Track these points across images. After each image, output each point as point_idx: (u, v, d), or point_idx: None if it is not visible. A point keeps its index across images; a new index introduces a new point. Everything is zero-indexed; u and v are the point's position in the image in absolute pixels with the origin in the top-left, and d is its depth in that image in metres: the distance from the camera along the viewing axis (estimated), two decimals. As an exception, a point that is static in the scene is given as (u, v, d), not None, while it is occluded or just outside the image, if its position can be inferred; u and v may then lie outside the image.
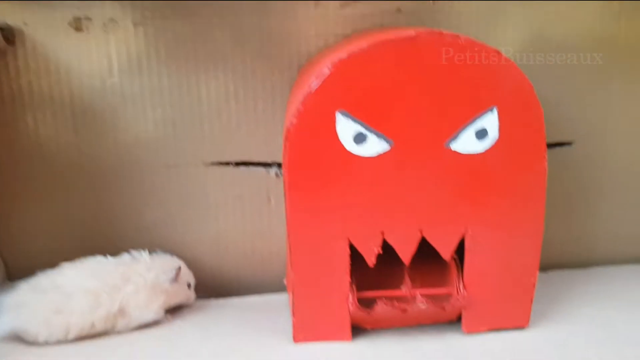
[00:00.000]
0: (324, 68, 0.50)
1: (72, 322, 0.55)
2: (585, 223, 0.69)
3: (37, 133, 0.62)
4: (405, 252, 0.55)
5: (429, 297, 0.56)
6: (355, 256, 0.55)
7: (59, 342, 0.55)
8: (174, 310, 0.62)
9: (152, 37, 0.60)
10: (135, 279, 0.58)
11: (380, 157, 0.52)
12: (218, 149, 0.64)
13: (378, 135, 0.51)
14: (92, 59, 0.60)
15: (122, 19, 0.59)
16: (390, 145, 0.52)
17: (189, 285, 0.63)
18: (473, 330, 0.57)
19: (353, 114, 0.51)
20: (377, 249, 0.54)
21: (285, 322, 0.58)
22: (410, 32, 0.50)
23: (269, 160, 0.64)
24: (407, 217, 0.54)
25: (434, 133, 0.52)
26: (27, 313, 0.55)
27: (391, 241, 0.54)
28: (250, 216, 0.66)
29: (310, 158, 0.52)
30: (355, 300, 0.55)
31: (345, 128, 0.51)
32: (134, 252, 0.60)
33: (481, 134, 0.52)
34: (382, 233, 0.54)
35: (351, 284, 0.55)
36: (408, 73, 0.50)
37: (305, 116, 0.51)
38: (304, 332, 0.56)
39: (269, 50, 0.61)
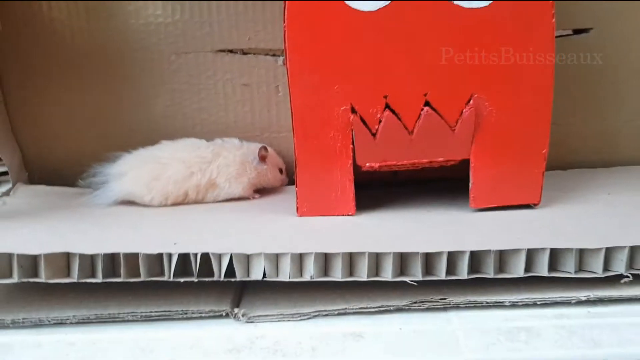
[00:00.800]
0: None
1: (169, 189, 0.60)
2: (607, 118, 0.66)
3: (51, 18, 0.63)
4: (409, 118, 0.53)
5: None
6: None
7: (160, 205, 0.61)
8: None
9: None
10: (225, 154, 0.62)
11: (381, 11, 0.51)
12: (226, 35, 0.64)
13: (379, -11, 0.51)
14: (102, -60, 0.61)
15: None
16: (390, -1, 0.51)
17: (280, 171, 0.66)
18: (482, 205, 0.55)
19: (354, -34, 0.50)
20: (379, 114, 0.53)
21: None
22: None
23: (276, 47, 0.64)
24: (411, 79, 0.52)
25: (437, -14, 0.51)
26: (131, 180, 0.60)
27: (394, 106, 0.53)
28: (259, 107, 0.66)
29: (309, 13, 0.51)
30: (359, 118, 0.53)
31: (346, -19, 0.50)
32: (226, 138, 0.64)
33: (486, -14, 0.50)
34: (386, 97, 0.53)
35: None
36: None
37: (304, -32, 0.50)
38: (307, 205, 0.55)
39: None
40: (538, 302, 0.44)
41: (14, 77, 0.65)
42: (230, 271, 0.45)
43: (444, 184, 0.63)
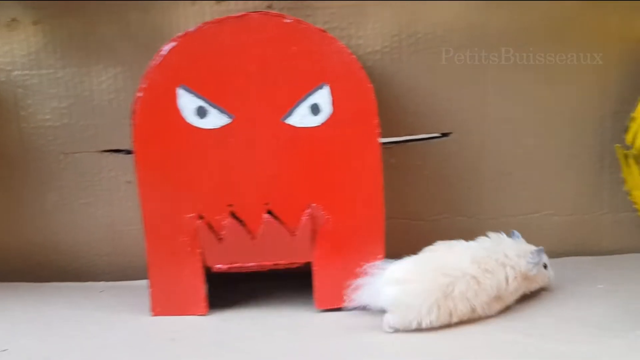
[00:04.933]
0: (164, 45, 0.54)
1: (459, 307, 0.53)
2: (472, 215, 0.69)
3: (-46, 124, 0.69)
4: (253, 224, 0.57)
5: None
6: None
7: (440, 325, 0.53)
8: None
9: (49, 34, 0.66)
10: (510, 265, 0.56)
11: (222, 129, 0.55)
12: (110, 137, 0.68)
13: (219, 110, 0.55)
14: (-3, 54, 0.67)
15: (23, 18, 0.66)
16: (231, 119, 0.55)
17: (545, 266, 0.59)
18: (325, 306, 0.58)
19: (194, 89, 0.55)
20: (225, 221, 0.57)
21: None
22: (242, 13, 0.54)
23: (157, 148, 0.68)
24: (253, 190, 0.56)
25: (270, 108, 0.55)
26: (415, 291, 0.52)
27: (239, 214, 0.57)
28: (142, 203, 0.70)
29: (156, 132, 0.56)
30: (205, 224, 0.57)
31: (187, 102, 0.55)
32: (493, 235, 0.59)
33: (315, 109, 0.55)
34: (230, 206, 0.57)
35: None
36: (241, 50, 0.54)
37: (148, 91, 0.55)
38: (161, 305, 0.58)
39: (154, 44, 0.65)
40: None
41: None
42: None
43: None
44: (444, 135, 0.68)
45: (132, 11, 0.66)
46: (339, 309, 0.58)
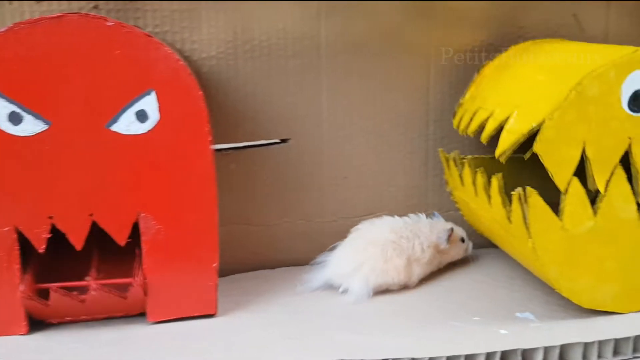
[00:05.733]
0: (-28, 48, 0.50)
1: (397, 263, 0.63)
2: (312, 219, 0.71)
3: None
4: (76, 237, 0.54)
5: (111, 287, 0.55)
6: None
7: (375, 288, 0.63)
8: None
9: None
10: (423, 237, 0.65)
11: (38, 136, 0.52)
12: None
13: (34, 115, 0.51)
14: None
15: None
16: (47, 125, 0.52)
17: (462, 240, 0.69)
18: (158, 318, 0.56)
19: (5, 93, 0.51)
20: (45, 235, 0.53)
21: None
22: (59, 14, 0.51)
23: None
24: (75, 200, 0.53)
25: (92, 114, 0.52)
26: (363, 268, 0.63)
27: (60, 226, 0.53)
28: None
29: (-38, 139, 0.51)
30: (29, 290, 0.54)
31: (-2, 107, 0.51)
32: (414, 216, 0.68)
33: (141, 115, 0.53)
34: (51, 218, 0.53)
35: (23, 274, 0.54)
36: (58, 53, 0.51)
37: (-49, 95, 0.50)
38: (-24, 326, 0.54)
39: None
40: None
41: None
42: None
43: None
44: (283, 141, 0.69)
45: (-61, 7, 0.60)
46: (171, 320, 0.57)
